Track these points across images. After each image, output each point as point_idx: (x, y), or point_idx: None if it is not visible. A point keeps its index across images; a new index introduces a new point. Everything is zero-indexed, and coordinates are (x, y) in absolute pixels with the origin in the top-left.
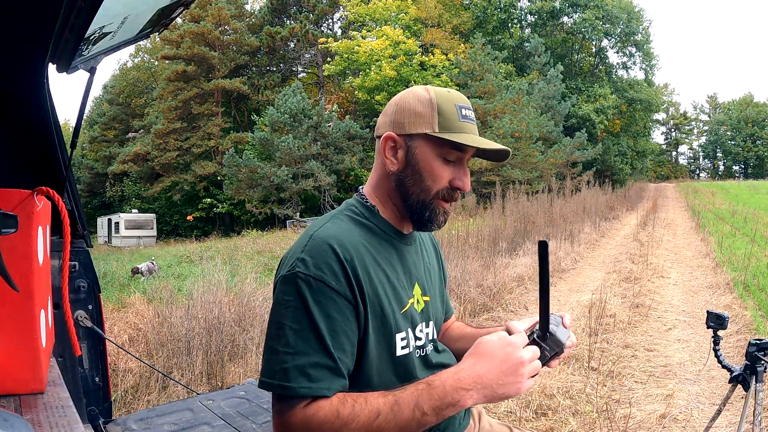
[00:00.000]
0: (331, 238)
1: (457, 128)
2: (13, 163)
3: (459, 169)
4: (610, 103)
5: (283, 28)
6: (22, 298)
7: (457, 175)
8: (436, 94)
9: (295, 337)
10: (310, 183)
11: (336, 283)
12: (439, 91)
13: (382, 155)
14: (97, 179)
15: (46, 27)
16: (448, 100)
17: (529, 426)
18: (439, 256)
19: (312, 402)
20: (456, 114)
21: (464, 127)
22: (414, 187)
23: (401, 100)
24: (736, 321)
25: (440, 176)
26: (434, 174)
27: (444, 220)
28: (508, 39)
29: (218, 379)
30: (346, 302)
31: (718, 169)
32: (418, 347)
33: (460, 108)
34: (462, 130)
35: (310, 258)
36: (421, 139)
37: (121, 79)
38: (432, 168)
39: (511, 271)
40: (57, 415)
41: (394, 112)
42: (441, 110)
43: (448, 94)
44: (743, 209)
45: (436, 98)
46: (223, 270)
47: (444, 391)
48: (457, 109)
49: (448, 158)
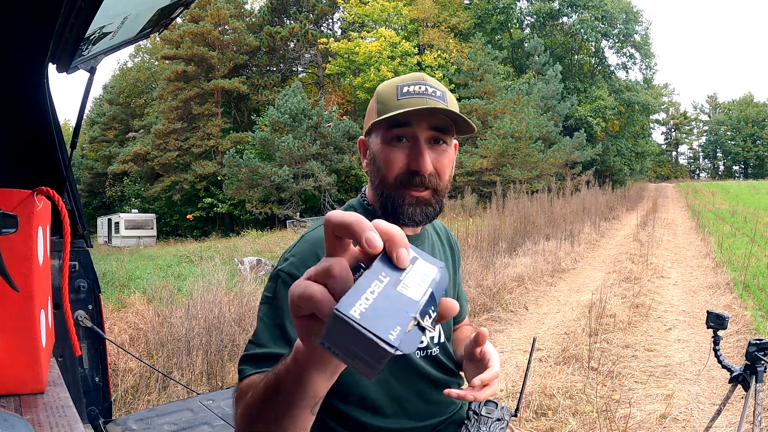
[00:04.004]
0: (318, 240)
1: (395, 106)
2: (13, 163)
3: (414, 149)
4: (608, 104)
5: (283, 28)
6: (22, 298)
7: (412, 155)
8: (381, 85)
9: (264, 329)
10: (310, 183)
11: None
12: (388, 81)
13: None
14: (97, 179)
15: (46, 27)
16: (389, 85)
17: (529, 426)
18: (455, 258)
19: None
20: (393, 94)
21: (403, 104)
22: (376, 181)
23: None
24: (736, 321)
25: (392, 161)
26: (386, 161)
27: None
28: (507, 40)
29: (218, 379)
30: None
31: (718, 169)
32: (418, 348)
33: (401, 87)
34: (400, 106)
35: (293, 257)
36: (373, 133)
37: (121, 79)
38: (383, 156)
39: (511, 271)
40: (57, 415)
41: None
42: (380, 97)
43: (396, 79)
44: (743, 209)
45: (379, 89)
46: (223, 270)
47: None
48: (396, 90)
49: (397, 142)
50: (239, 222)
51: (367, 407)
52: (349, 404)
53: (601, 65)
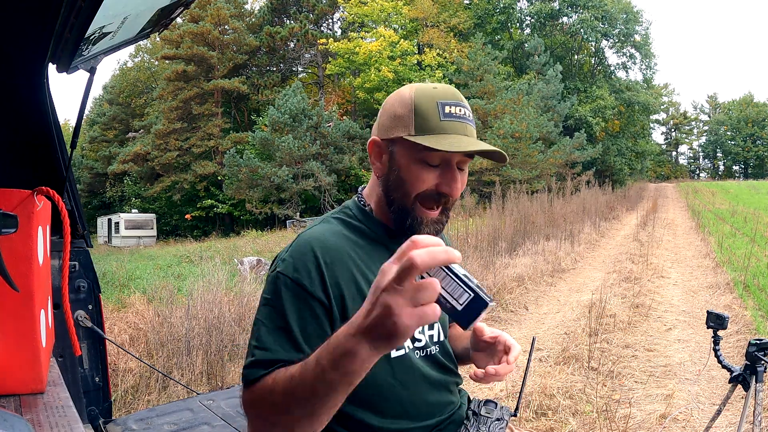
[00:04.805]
0: (314, 241)
1: (437, 129)
2: (13, 163)
3: (446, 173)
4: (608, 104)
5: (283, 28)
6: (22, 298)
7: (444, 179)
8: (417, 93)
9: (267, 333)
10: (310, 183)
11: (311, 285)
12: (423, 89)
13: (370, 159)
14: (97, 179)
15: (46, 27)
16: (429, 98)
17: (529, 426)
18: None
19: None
20: (436, 112)
21: (446, 127)
22: (395, 193)
23: (386, 102)
24: (736, 321)
25: (421, 181)
26: (415, 178)
27: (432, 231)
28: (507, 40)
29: (218, 379)
30: (320, 305)
31: (718, 169)
32: (417, 348)
33: (443, 105)
34: (443, 130)
35: (291, 259)
36: (399, 142)
37: (121, 79)
38: (412, 172)
39: (511, 271)
40: (57, 415)
41: (380, 115)
42: (418, 110)
43: (433, 90)
44: (743, 209)
45: (416, 97)
46: (223, 270)
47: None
48: (438, 107)
49: (431, 162)
50: (239, 222)
51: (366, 407)
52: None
53: (601, 65)
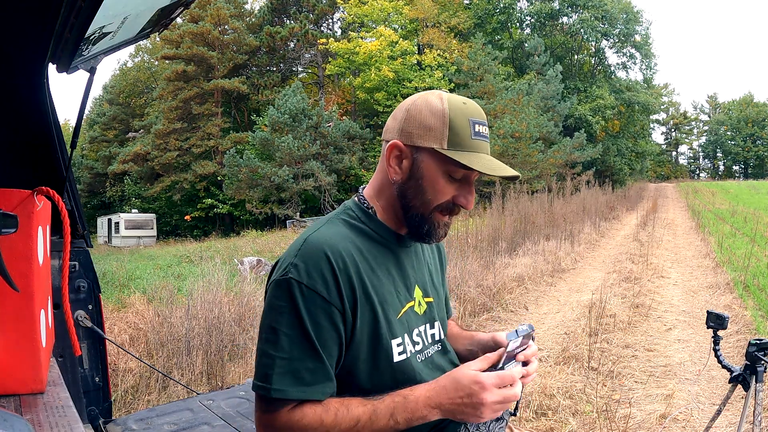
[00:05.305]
0: (324, 244)
1: (468, 146)
2: (13, 163)
3: (464, 187)
4: (608, 104)
5: (283, 28)
6: (22, 298)
7: (462, 192)
8: (450, 106)
9: (290, 342)
10: (310, 183)
11: (327, 292)
12: (454, 102)
13: (386, 162)
14: (97, 179)
15: (46, 27)
16: (462, 114)
17: (529, 426)
18: (441, 255)
19: (298, 406)
20: (469, 130)
21: (476, 146)
22: (415, 200)
23: (413, 106)
24: (736, 321)
25: (443, 193)
26: (437, 190)
27: (444, 233)
28: (507, 40)
29: (218, 379)
30: (336, 311)
31: (718, 169)
32: (417, 352)
33: (474, 124)
34: (473, 148)
35: (302, 264)
36: (428, 152)
37: (121, 79)
38: (436, 184)
39: (511, 271)
40: (57, 415)
41: (404, 120)
42: (453, 125)
43: (464, 106)
44: (743, 209)
45: (449, 111)
46: (223, 270)
47: (417, 406)
48: (470, 125)
49: (454, 176)
50: (239, 222)
51: None
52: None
53: (601, 65)
